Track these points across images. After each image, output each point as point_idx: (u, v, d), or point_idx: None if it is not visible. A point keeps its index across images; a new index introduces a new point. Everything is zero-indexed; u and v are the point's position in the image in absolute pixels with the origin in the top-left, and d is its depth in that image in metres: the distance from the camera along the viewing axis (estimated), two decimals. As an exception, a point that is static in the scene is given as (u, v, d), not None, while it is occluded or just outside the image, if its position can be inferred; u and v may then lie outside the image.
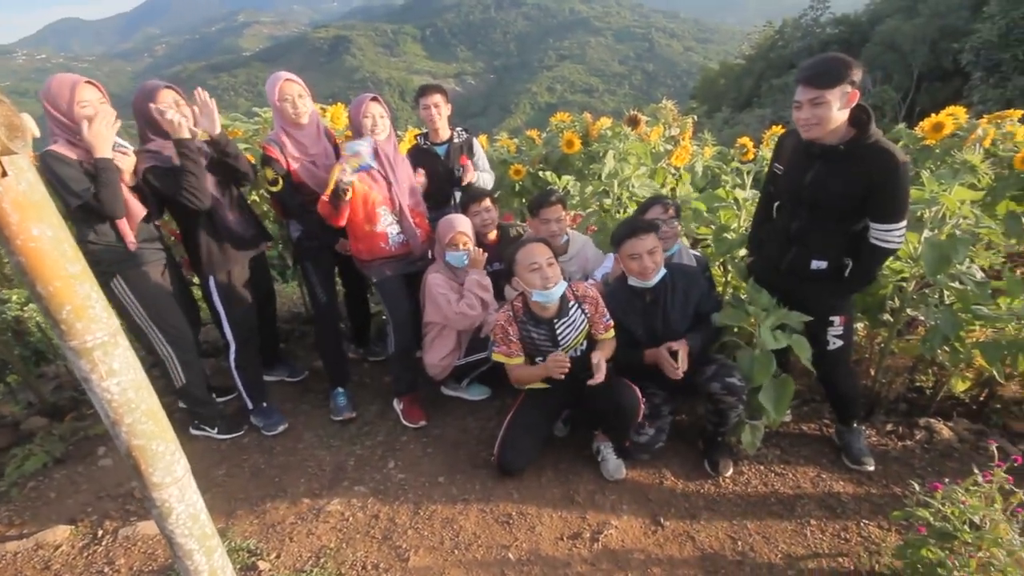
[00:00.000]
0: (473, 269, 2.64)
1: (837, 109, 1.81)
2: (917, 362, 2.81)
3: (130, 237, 2.24)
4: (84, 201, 2.08)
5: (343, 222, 2.52)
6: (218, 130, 2.33)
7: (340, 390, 2.82)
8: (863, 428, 2.43)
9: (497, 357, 2.28)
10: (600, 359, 2.08)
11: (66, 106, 2.04)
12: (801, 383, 2.87)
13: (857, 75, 1.80)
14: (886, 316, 2.53)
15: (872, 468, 2.26)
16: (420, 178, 2.94)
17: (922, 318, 2.43)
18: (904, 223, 1.92)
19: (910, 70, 29.25)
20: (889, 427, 2.57)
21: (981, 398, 2.70)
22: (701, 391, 2.19)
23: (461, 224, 2.63)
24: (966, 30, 25.62)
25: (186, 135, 2.21)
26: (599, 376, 2.05)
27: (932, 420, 2.57)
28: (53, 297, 1.12)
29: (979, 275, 2.28)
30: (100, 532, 2.07)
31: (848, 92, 1.80)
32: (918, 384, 2.87)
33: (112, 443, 2.64)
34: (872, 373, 2.70)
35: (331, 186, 2.41)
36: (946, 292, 2.40)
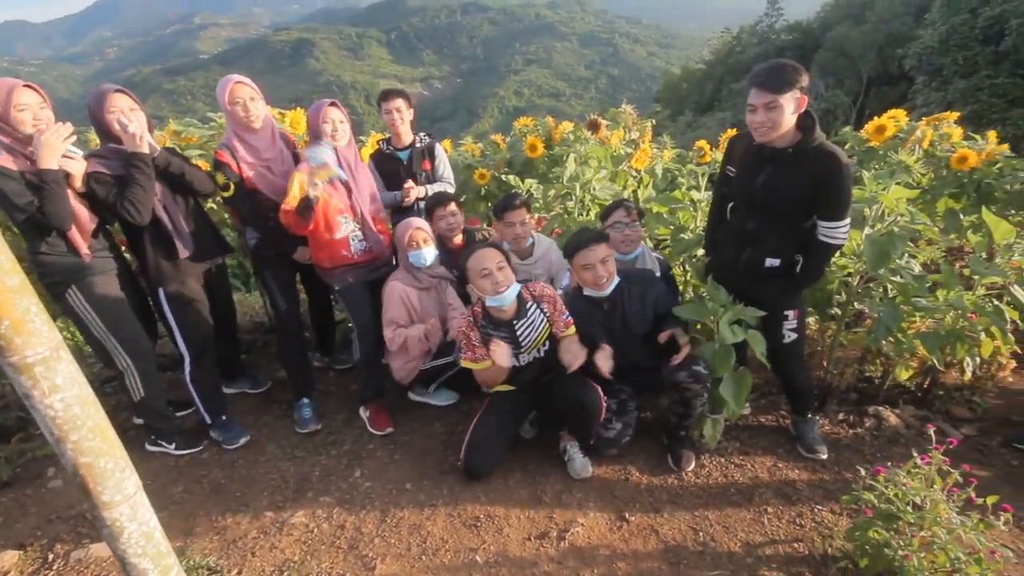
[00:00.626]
0: (417, 327, 2.62)
1: (790, 113, 1.89)
2: (866, 353, 2.95)
3: (83, 248, 2.16)
4: (29, 215, 1.99)
5: (307, 231, 2.48)
6: (159, 150, 2.28)
7: (305, 401, 2.76)
8: (817, 418, 2.54)
9: (464, 363, 2.29)
10: (573, 347, 2.13)
11: (2, 110, 1.95)
12: (759, 376, 2.97)
13: (806, 81, 1.89)
14: (834, 310, 2.66)
15: (825, 456, 2.36)
16: (413, 192, 2.98)
17: (868, 311, 2.56)
18: (848, 220, 2.02)
19: (859, 75, 30.71)
20: (841, 416, 2.69)
21: (925, 385, 2.85)
22: (668, 381, 2.24)
23: (416, 222, 2.63)
24: (910, 36, 27.06)
25: (144, 150, 2.16)
26: (579, 361, 2.09)
27: (880, 408, 2.70)
28: (-12, 313, 1.08)
29: (917, 269, 2.42)
30: (51, 556, 1.98)
31: (799, 97, 1.89)
32: (867, 374, 3.02)
33: (61, 464, 2.53)
34: (824, 365, 2.82)
35: (296, 196, 2.38)
36: (889, 286, 2.54)
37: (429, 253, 2.62)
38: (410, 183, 3.04)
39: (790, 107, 1.88)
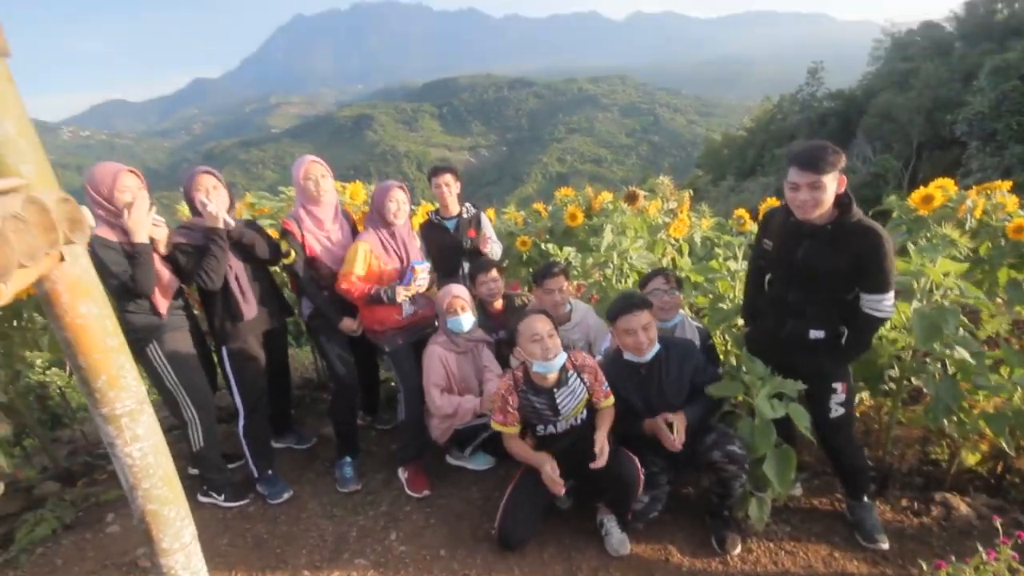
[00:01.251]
0: (472, 400, 2.71)
1: (832, 192, 1.95)
2: (929, 434, 2.77)
3: (162, 308, 2.41)
4: (121, 281, 2.27)
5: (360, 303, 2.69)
6: (232, 224, 2.54)
7: (348, 459, 2.83)
8: (875, 503, 2.37)
9: (494, 425, 2.33)
10: (602, 442, 2.13)
11: (107, 192, 2.27)
12: (810, 455, 2.83)
13: (844, 162, 1.95)
14: (887, 385, 2.55)
15: (886, 547, 2.19)
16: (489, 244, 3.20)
17: (924, 388, 2.44)
18: (891, 293, 2.00)
19: (909, 139, 30.22)
20: (904, 502, 2.50)
21: (998, 471, 2.63)
22: (702, 461, 2.19)
23: (456, 289, 2.76)
24: (959, 101, 26.68)
25: (220, 225, 2.44)
26: (601, 460, 2.09)
27: (948, 495, 2.50)
28: (91, 368, 1.24)
29: (975, 344, 2.32)
30: (102, 603, 2.07)
31: (839, 178, 1.95)
32: (934, 457, 2.81)
33: (122, 510, 2.69)
34: (882, 444, 2.66)
35: (360, 268, 2.66)
36: (947, 361, 2.42)
37: (467, 320, 2.74)
38: (484, 234, 3.25)
39: (832, 187, 1.93)
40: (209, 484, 2.66)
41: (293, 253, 2.68)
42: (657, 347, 2.27)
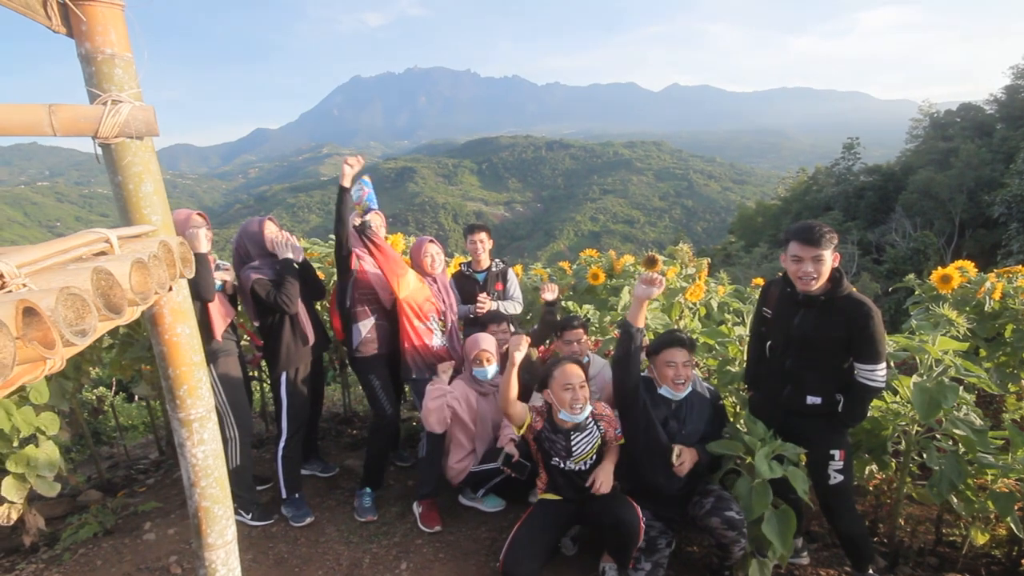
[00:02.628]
0: (478, 396, 2.93)
1: (829, 266, 2.15)
2: (944, 513, 2.75)
3: (217, 332, 2.73)
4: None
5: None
6: (301, 258, 2.93)
7: (368, 491, 2.99)
8: (878, 576, 2.37)
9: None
10: (602, 478, 2.28)
11: (180, 230, 2.65)
12: (819, 525, 2.83)
13: (836, 241, 2.18)
14: (892, 459, 2.59)
15: (888, 621, 2.18)
16: (486, 306, 3.48)
17: (928, 463, 2.48)
18: (883, 364, 2.13)
19: (951, 216, 29.76)
20: (915, 581, 2.48)
21: (1013, 554, 2.58)
22: (700, 525, 2.26)
23: (485, 343, 2.97)
24: (1001, 182, 26.35)
25: (291, 256, 2.80)
26: (603, 486, 2.24)
27: (960, 577, 2.47)
28: (177, 378, 1.52)
29: (978, 422, 2.37)
30: (136, 602, 2.25)
31: (834, 254, 2.17)
32: (950, 538, 2.78)
33: (157, 519, 2.92)
34: (892, 520, 2.66)
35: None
36: (955, 439, 2.46)
37: (491, 370, 2.95)
38: (483, 296, 3.50)
39: (830, 260, 2.14)
40: (239, 502, 2.86)
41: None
42: (690, 389, 2.44)
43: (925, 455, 2.48)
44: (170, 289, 1.49)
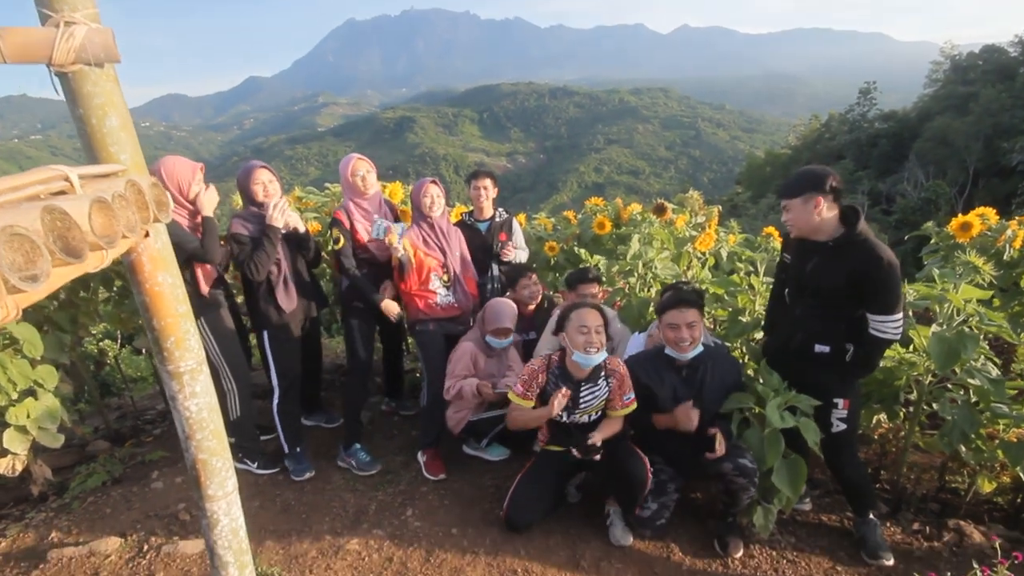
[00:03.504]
0: (471, 380, 2.81)
1: (807, 214, 2.07)
2: (949, 461, 2.75)
3: (203, 287, 2.64)
4: (190, 252, 2.51)
5: (411, 285, 2.89)
6: (303, 229, 2.79)
7: (358, 446, 2.96)
8: (882, 523, 2.38)
9: (511, 396, 2.41)
10: (597, 438, 2.23)
11: (187, 186, 2.53)
12: (823, 473, 2.84)
13: (824, 185, 2.03)
14: (903, 408, 2.55)
15: (890, 563, 2.20)
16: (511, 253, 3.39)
17: (941, 412, 2.44)
18: (899, 316, 2.03)
19: (965, 166, 28.96)
20: (916, 526, 2.50)
21: (1019, 502, 2.59)
22: (711, 471, 2.25)
23: (508, 319, 2.85)
24: (1021, 129, 25.43)
25: (278, 225, 2.64)
26: (595, 439, 2.22)
27: (963, 522, 2.48)
28: (163, 330, 1.44)
29: (994, 372, 2.31)
30: (145, 547, 2.28)
31: (814, 199, 2.05)
32: (953, 485, 2.78)
33: (165, 468, 2.94)
34: (898, 468, 2.65)
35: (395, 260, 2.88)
36: (970, 388, 2.41)
37: (507, 341, 2.90)
38: (509, 246, 3.40)
39: (803, 209, 2.08)
40: (244, 452, 2.88)
41: (343, 239, 2.89)
42: (700, 349, 2.29)
43: (937, 405, 2.44)
44: (147, 235, 1.38)
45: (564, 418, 2.35)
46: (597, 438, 2.23)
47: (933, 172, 29.20)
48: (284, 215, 2.64)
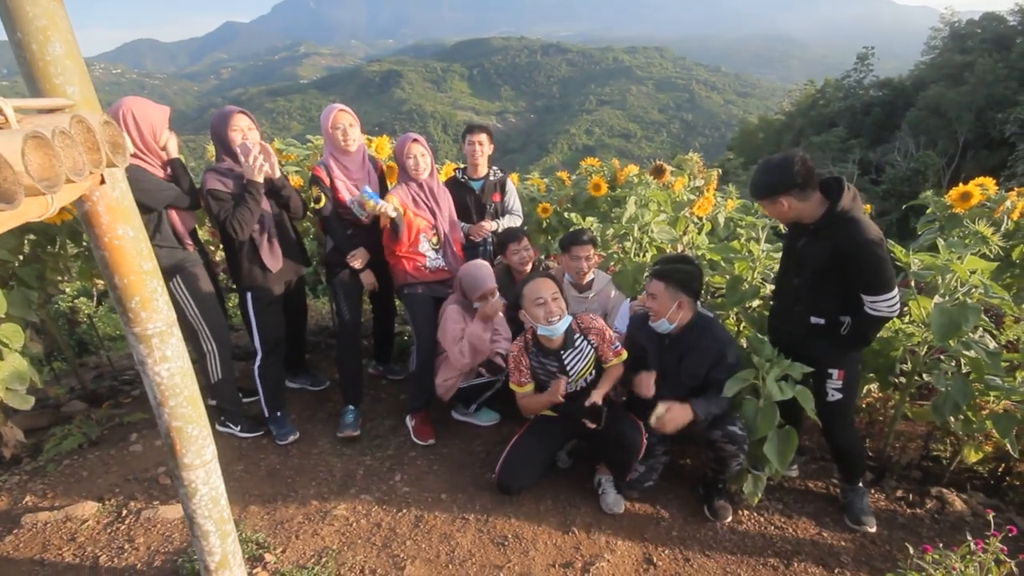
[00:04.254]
0: (477, 321, 2.73)
1: (787, 208, 2.02)
2: (933, 430, 2.78)
3: (188, 240, 2.49)
4: (175, 196, 2.36)
5: (402, 248, 2.77)
6: (278, 175, 2.58)
7: (351, 408, 2.89)
8: (867, 489, 2.41)
9: (511, 386, 2.39)
10: (596, 398, 2.17)
11: (157, 131, 2.33)
12: (810, 440, 2.86)
13: (788, 183, 1.96)
14: (898, 379, 2.54)
15: (873, 529, 2.23)
16: (485, 229, 3.23)
17: (935, 384, 2.43)
18: (892, 294, 1.97)
19: (955, 136, 28.89)
20: (899, 493, 2.53)
21: (999, 472, 2.63)
22: (701, 438, 2.23)
23: (489, 281, 2.73)
24: (1014, 100, 25.32)
25: (259, 179, 2.45)
26: (595, 398, 2.17)
27: (945, 490, 2.52)
28: (126, 288, 1.31)
29: (992, 344, 2.29)
30: (124, 512, 2.22)
31: (778, 200, 2.01)
32: (935, 453, 2.82)
33: (144, 431, 2.84)
34: (885, 436, 2.67)
35: (384, 221, 2.73)
36: (961, 360, 2.40)
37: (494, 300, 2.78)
38: (485, 222, 3.23)
39: (775, 208, 2.05)
40: (226, 415, 2.79)
41: (324, 198, 2.72)
42: (670, 325, 2.26)
43: (931, 376, 2.43)
44: (102, 182, 1.23)
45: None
46: (597, 397, 2.18)
47: (924, 143, 29.11)
48: (262, 167, 2.45)
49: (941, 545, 1.66)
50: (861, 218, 1.97)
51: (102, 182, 1.22)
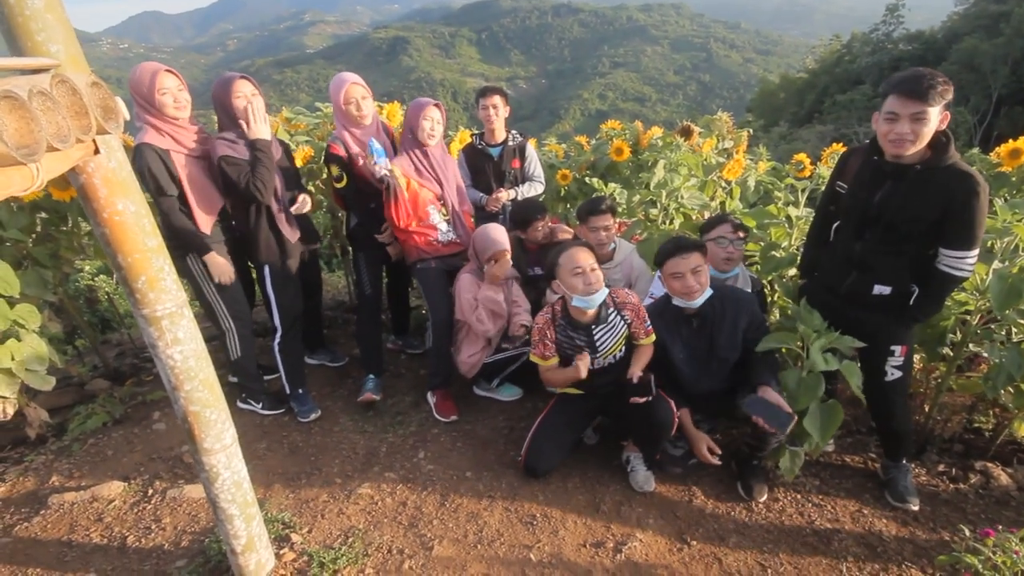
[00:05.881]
0: (488, 285, 2.65)
1: (934, 127, 1.74)
2: (977, 401, 2.64)
3: (206, 226, 2.40)
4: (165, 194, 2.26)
5: (404, 217, 2.64)
6: (268, 135, 2.45)
7: (371, 376, 2.87)
8: (911, 465, 2.30)
9: (532, 358, 2.30)
10: (636, 371, 2.06)
11: (147, 91, 2.20)
12: (847, 413, 2.74)
13: (951, 95, 1.73)
14: (946, 350, 2.40)
15: (916, 507, 2.13)
16: (500, 200, 3.08)
17: (985, 355, 2.29)
18: (976, 251, 1.82)
19: (989, 92, 27.47)
20: (941, 467, 2.42)
21: (1047, 445, 2.51)
22: (744, 415, 2.12)
23: (501, 241, 2.62)
24: (1056, 51, 23.86)
25: (265, 136, 2.36)
26: (635, 373, 2.06)
27: (990, 464, 2.41)
28: (131, 268, 1.22)
29: (1053, 313, 2.13)
30: (150, 491, 2.21)
31: (944, 112, 1.74)
32: (976, 425, 2.70)
33: (167, 409, 2.83)
34: (927, 409, 2.55)
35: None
36: (1014, 329, 2.25)
37: (506, 264, 2.68)
38: (500, 192, 3.08)
39: (935, 121, 1.72)
40: (247, 392, 2.76)
41: (345, 177, 2.62)
42: (709, 292, 2.14)
43: (983, 347, 2.28)
44: (96, 152, 1.12)
45: (590, 365, 2.21)
46: (636, 370, 2.08)
47: (956, 99, 27.65)
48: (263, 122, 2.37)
49: (1000, 528, 1.56)
50: (971, 168, 1.78)
51: (96, 152, 1.12)
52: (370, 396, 2.76)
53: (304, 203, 2.60)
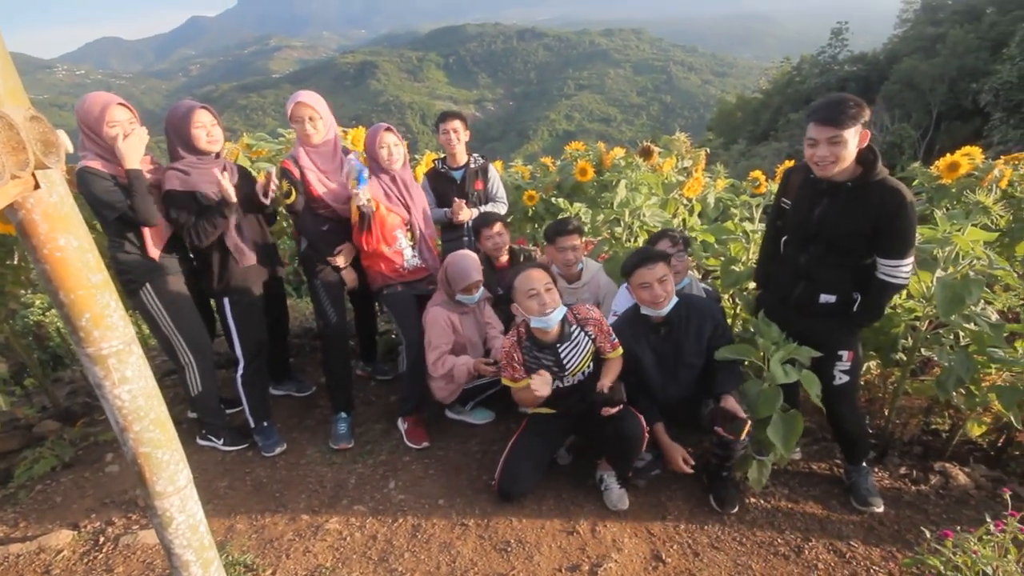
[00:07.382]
0: (466, 359, 2.58)
1: (852, 148, 1.85)
2: (933, 404, 2.75)
3: (153, 252, 2.32)
4: (121, 212, 2.17)
5: (372, 242, 2.60)
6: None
7: (343, 415, 2.75)
8: (871, 468, 2.37)
9: (504, 381, 2.29)
10: (605, 384, 2.07)
11: (95, 124, 2.13)
12: (811, 421, 2.81)
13: (867, 115, 1.84)
14: (899, 356, 2.50)
15: (880, 509, 2.19)
16: (463, 213, 3.06)
17: (937, 359, 2.39)
18: (911, 259, 1.93)
19: (929, 108, 29.26)
20: (903, 470, 2.50)
21: (999, 444, 2.62)
22: (707, 425, 2.16)
23: (475, 273, 2.59)
24: (986, 70, 25.67)
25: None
26: (605, 384, 2.06)
27: (948, 465, 2.50)
28: (74, 305, 1.17)
29: (994, 317, 2.25)
30: (102, 539, 2.08)
31: (861, 132, 1.84)
32: (934, 427, 2.80)
33: (120, 450, 2.67)
34: (886, 413, 2.64)
35: (354, 214, 2.53)
36: (961, 333, 2.36)
37: (478, 295, 2.66)
38: (460, 202, 3.10)
39: (853, 141, 1.84)
40: (208, 428, 2.65)
41: (294, 193, 2.56)
42: (675, 300, 2.20)
43: (933, 351, 2.38)
44: (36, 187, 1.09)
45: (556, 384, 2.21)
46: (606, 382, 2.10)
47: (899, 115, 29.43)
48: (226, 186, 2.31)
49: (959, 528, 1.62)
50: (898, 183, 1.89)
51: (36, 187, 1.08)
52: (344, 445, 2.64)
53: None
